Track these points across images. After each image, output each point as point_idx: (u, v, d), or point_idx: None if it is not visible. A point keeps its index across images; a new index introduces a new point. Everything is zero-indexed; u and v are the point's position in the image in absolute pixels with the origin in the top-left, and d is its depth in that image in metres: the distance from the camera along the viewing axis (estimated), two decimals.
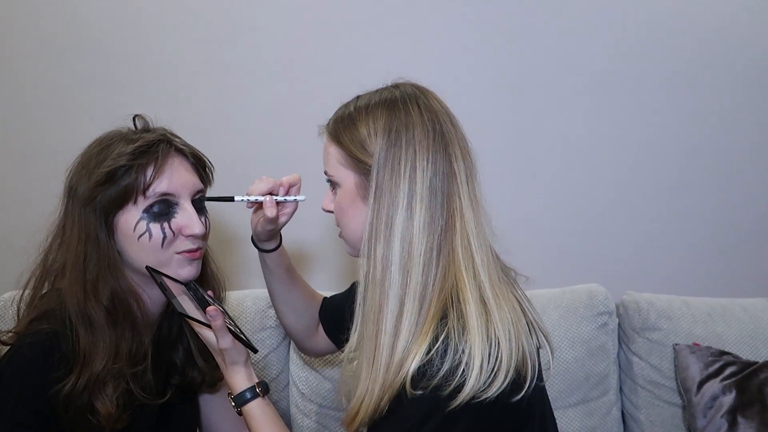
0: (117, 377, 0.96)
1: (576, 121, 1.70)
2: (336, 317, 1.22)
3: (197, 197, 1.04)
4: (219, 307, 0.92)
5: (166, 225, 0.98)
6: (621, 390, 1.63)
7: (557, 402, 1.53)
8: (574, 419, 1.54)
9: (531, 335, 0.89)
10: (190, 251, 1.01)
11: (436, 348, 0.80)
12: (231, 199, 1.08)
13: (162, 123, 1.07)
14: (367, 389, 0.85)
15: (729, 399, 1.44)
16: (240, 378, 0.95)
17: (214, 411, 1.21)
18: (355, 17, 1.63)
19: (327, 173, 0.95)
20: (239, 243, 1.63)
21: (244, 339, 0.94)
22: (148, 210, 0.97)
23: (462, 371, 0.78)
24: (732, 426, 1.42)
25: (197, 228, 0.99)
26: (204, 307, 0.92)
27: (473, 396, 0.78)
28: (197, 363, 1.12)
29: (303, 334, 1.27)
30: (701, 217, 1.75)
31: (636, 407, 1.59)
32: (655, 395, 1.57)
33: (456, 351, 0.79)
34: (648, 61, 1.68)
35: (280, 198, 1.08)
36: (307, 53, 1.64)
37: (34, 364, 0.92)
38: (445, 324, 0.82)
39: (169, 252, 0.99)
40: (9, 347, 0.96)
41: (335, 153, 0.92)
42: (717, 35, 1.67)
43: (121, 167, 0.95)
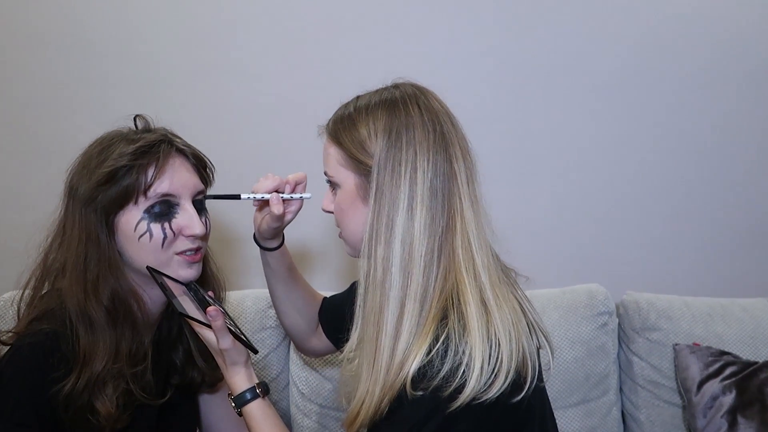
0: (117, 377, 0.96)
1: (576, 122, 1.70)
2: (336, 318, 1.22)
3: (198, 197, 1.04)
4: (219, 308, 0.92)
5: (166, 225, 0.98)
6: (621, 390, 1.63)
7: (557, 402, 1.52)
8: (574, 419, 1.54)
9: (531, 336, 0.89)
10: (190, 254, 1.01)
11: (436, 349, 0.80)
12: (237, 197, 1.07)
13: (162, 123, 1.07)
14: (368, 391, 0.85)
15: (729, 399, 1.44)
16: (240, 378, 0.95)
17: (214, 411, 1.21)
18: (355, 17, 1.63)
19: (327, 174, 0.95)
20: (239, 243, 1.63)
21: (244, 339, 0.94)
22: (149, 210, 0.97)
23: (462, 372, 0.78)
24: (732, 426, 1.42)
25: (198, 228, 0.99)
26: (204, 308, 0.92)
27: (474, 397, 0.78)
28: (197, 363, 1.12)
29: (303, 334, 1.26)
30: (701, 217, 1.75)
31: (636, 407, 1.59)
32: (655, 395, 1.57)
33: (456, 352, 0.79)
34: (648, 62, 1.68)
35: (286, 195, 1.08)
36: (307, 53, 1.63)
37: (34, 364, 0.92)
38: (446, 325, 0.82)
39: (170, 252, 0.99)
40: (9, 347, 0.96)
41: (335, 154, 0.92)
42: (718, 35, 1.67)
43: (122, 167, 0.95)
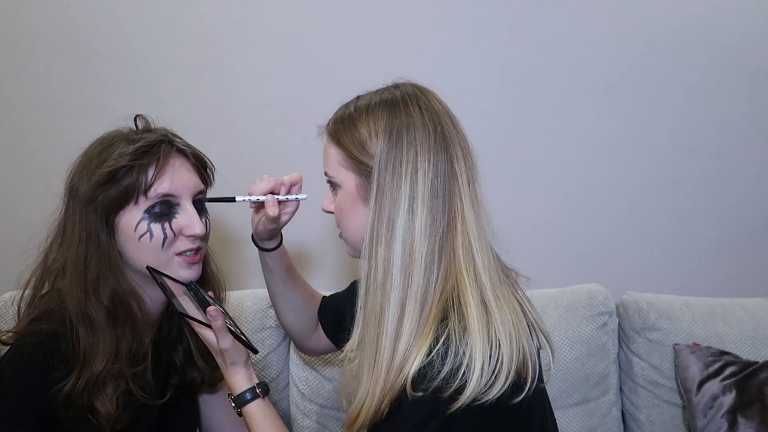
0: (117, 377, 0.96)
1: (576, 123, 1.70)
2: (335, 317, 1.22)
3: (198, 197, 1.04)
4: (219, 308, 0.92)
5: (167, 225, 0.98)
6: (621, 390, 1.63)
7: (557, 402, 1.52)
8: (574, 419, 1.54)
9: (532, 336, 0.89)
10: (190, 254, 1.01)
11: (436, 350, 0.80)
12: (232, 200, 1.07)
13: (163, 123, 1.07)
14: (368, 392, 0.85)
15: (729, 399, 1.44)
16: (240, 379, 0.95)
17: (213, 411, 1.21)
18: (356, 17, 1.63)
19: (327, 174, 0.95)
20: (239, 243, 1.63)
21: (244, 339, 0.94)
22: (149, 210, 0.97)
23: (463, 373, 0.78)
24: (732, 426, 1.42)
25: (198, 228, 0.99)
26: (204, 308, 0.92)
27: (474, 398, 0.78)
28: (197, 363, 1.12)
29: (302, 333, 1.26)
30: (701, 217, 1.75)
31: (636, 407, 1.59)
32: (655, 395, 1.57)
33: (457, 353, 0.79)
34: (648, 63, 1.68)
35: (281, 197, 1.08)
36: (307, 53, 1.63)
37: (34, 364, 0.92)
38: (446, 326, 0.82)
39: (170, 253, 0.99)
40: (9, 347, 0.96)
41: (335, 154, 0.92)
42: (721, 37, 1.67)
43: (123, 167, 0.95)
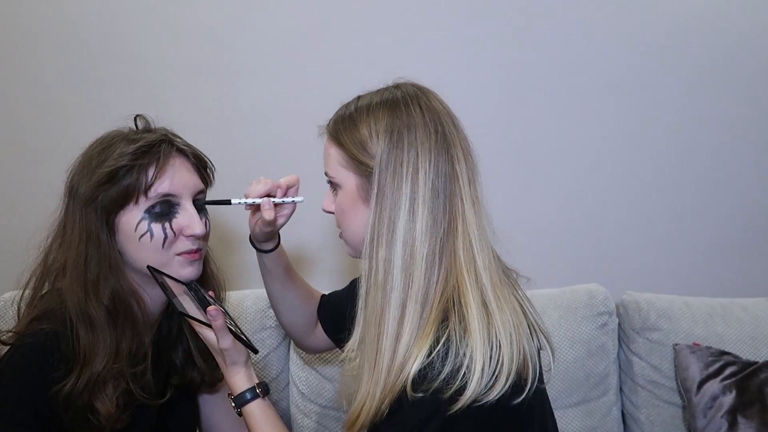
0: (117, 377, 0.96)
1: (577, 123, 1.70)
2: (334, 315, 1.22)
3: (198, 197, 1.04)
4: (219, 307, 0.92)
5: (167, 225, 0.98)
6: (621, 390, 1.63)
7: (557, 402, 1.52)
8: (574, 419, 1.54)
9: (532, 337, 0.88)
10: (190, 252, 1.00)
11: (437, 351, 0.80)
12: (228, 203, 1.07)
13: (163, 123, 1.07)
14: (369, 393, 0.85)
15: (729, 399, 1.44)
16: (240, 378, 0.95)
17: (213, 411, 1.21)
18: (356, 17, 1.63)
19: (327, 174, 0.95)
20: (239, 243, 1.63)
21: (244, 339, 0.94)
22: (149, 210, 0.97)
23: (463, 374, 0.78)
24: (732, 426, 1.42)
25: (198, 228, 0.99)
26: (205, 307, 0.92)
27: (474, 399, 0.78)
28: (197, 363, 1.12)
29: (301, 332, 1.26)
30: (701, 217, 1.75)
31: (636, 407, 1.59)
32: (655, 395, 1.57)
33: (457, 354, 0.79)
34: (648, 64, 1.68)
35: (277, 200, 1.07)
36: (307, 53, 1.63)
37: (34, 364, 0.92)
38: (447, 327, 0.81)
39: (170, 253, 0.99)
40: (9, 347, 0.96)
41: (336, 154, 0.92)
42: (720, 36, 1.67)
43: (123, 167, 0.95)
